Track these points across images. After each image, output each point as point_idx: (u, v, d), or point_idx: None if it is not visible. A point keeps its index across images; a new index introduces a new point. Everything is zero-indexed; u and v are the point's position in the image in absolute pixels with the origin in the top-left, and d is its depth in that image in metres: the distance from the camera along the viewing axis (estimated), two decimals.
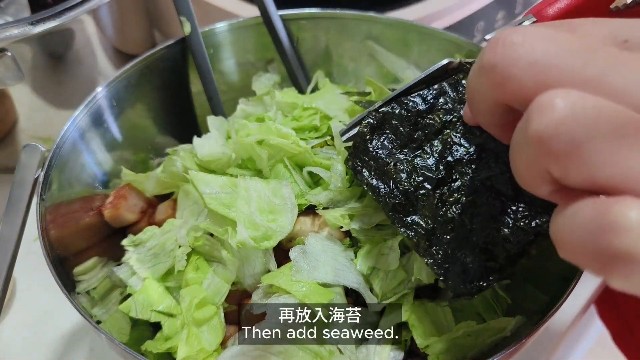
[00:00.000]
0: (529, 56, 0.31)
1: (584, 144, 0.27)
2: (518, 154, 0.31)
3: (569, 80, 0.29)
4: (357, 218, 0.57)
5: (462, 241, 0.45)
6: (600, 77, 0.29)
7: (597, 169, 0.27)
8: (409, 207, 0.48)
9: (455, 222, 0.45)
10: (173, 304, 0.58)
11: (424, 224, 0.47)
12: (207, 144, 0.66)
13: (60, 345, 0.70)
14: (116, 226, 0.66)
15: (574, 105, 0.27)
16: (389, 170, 0.49)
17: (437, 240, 0.46)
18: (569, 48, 0.30)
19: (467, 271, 0.45)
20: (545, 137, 0.28)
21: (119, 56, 0.85)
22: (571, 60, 0.30)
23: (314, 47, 0.79)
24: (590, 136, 0.27)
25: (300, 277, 0.54)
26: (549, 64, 0.30)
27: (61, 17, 0.73)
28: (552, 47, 0.30)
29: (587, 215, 0.27)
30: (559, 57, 0.30)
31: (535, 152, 0.29)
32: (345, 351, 0.53)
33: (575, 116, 0.27)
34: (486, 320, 0.55)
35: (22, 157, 0.58)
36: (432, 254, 0.46)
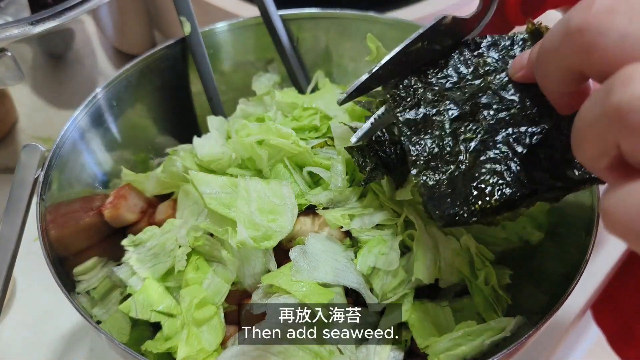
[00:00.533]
0: (624, 27, 0.29)
1: None
2: (588, 123, 0.30)
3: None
4: (357, 218, 0.57)
5: (458, 175, 0.46)
6: None
7: None
8: (422, 127, 0.49)
9: (460, 156, 0.46)
10: (173, 304, 0.58)
11: (429, 147, 0.48)
12: (207, 144, 0.66)
13: (60, 345, 0.70)
14: (116, 226, 0.66)
15: None
16: (417, 89, 0.51)
17: (435, 166, 0.47)
18: None
19: (452, 200, 0.45)
20: (626, 109, 0.27)
21: (119, 56, 0.85)
22: None
23: (314, 47, 0.79)
24: None
25: (300, 277, 0.54)
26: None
27: (61, 17, 0.73)
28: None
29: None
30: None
31: (610, 123, 0.28)
32: (345, 351, 0.53)
33: None
34: (486, 320, 0.55)
35: (22, 157, 0.58)
36: (426, 176, 0.47)
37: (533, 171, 0.44)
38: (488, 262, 0.57)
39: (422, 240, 0.55)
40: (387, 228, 0.58)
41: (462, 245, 0.56)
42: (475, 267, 0.56)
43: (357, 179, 0.60)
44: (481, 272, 0.56)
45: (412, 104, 0.50)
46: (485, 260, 0.56)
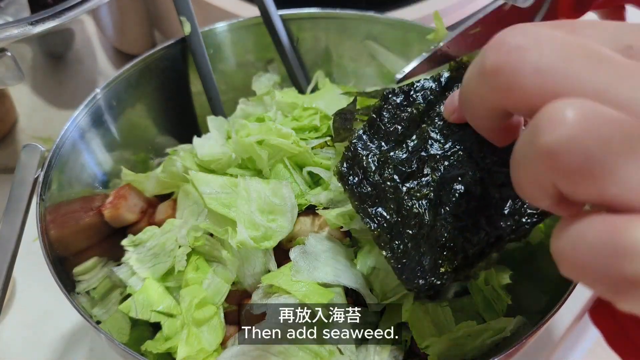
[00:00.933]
0: (536, 62, 0.29)
1: (597, 159, 0.25)
2: (521, 165, 0.29)
3: (578, 90, 0.27)
4: (357, 218, 0.57)
5: (422, 238, 0.45)
6: (609, 87, 0.27)
7: (610, 185, 0.25)
8: (376, 198, 0.48)
9: (419, 218, 0.45)
10: (173, 304, 0.58)
11: (387, 217, 0.47)
12: (207, 144, 0.66)
13: (60, 345, 0.70)
14: (116, 226, 0.66)
15: (587, 117, 0.25)
16: (361, 160, 0.50)
17: (398, 234, 0.46)
18: (576, 54, 0.28)
19: (422, 268, 0.44)
20: (556, 151, 0.26)
21: (119, 56, 0.85)
22: (579, 67, 0.28)
23: (313, 47, 0.79)
24: (604, 151, 0.25)
25: (300, 277, 0.54)
26: (558, 72, 0.28)
27: (61, 17, 0.73)
28: (560, 52, 0.28)
29: (597, 236, 0.25)
30: (567, 64, 0.28)
31: (543, 166, 0.27)
32: (345, 351, 0.53)
33: (589, 130, 0.25)
34: (486, 320, 0.55)
35: (22, 157, 0.58)
36: (392, 248, 0.46)
37: (494, 215, 0.42)
38: None
39: None
40: None
41: None
42: None
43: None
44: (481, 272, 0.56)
45: (360, 178, 0.50)
46: None
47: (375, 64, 0.79)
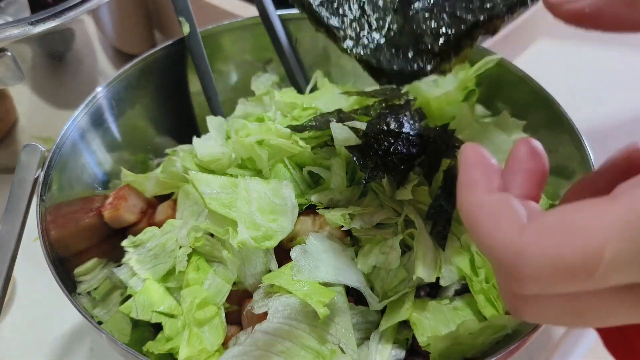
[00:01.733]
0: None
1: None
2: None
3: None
4: (358, 217, 0.57)
5: (395, 35, 0.43)
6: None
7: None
8: (338, 4, 0.45)
9: (385, 18, 0.44)
10: (174, 305, 0.58)
11: (351, 12, 0.44)
12: (206, 144, 0.66)
13: (60, 346, 0.70)
14: (116, 227, 0.65)
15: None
16: None
17: (367, 33, 0.44)
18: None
19: (403, 53, 0.42)
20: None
21: (119, 56, 0.85)
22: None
23: (312, 47, 0.79)
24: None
25: (302, 277, 0.54)
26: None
27: (61, 17, 0.73)
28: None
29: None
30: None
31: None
32: (347, 350, 0.53)
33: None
34: (487, 318, 0.55)
35: (22, 157, 0.58)
36: (364, 46, 0.43)
37: (467, 3, 0.41)
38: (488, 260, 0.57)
39: (422, 239, 0.55)
40: (388, 227, 0.58)
41: (463, 243, 0.57)
42: (476, 265, 0.56)
43: (357, 178, 0.60)
44: (482, 270, 0.56)
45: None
46: (485, 259, 0.57)
47: None
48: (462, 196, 0.33)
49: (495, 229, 0.30)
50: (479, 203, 0.32)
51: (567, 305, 0.30)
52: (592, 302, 0.29)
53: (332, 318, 0.53)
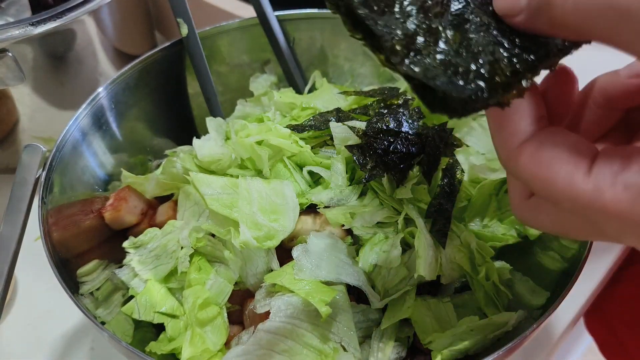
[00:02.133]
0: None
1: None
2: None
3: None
4: (359, 216, 0.57)
5: (450, 55, 0.37)
6: None
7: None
8: (385, 5, 0.39)
9: (438, 35, 0.38)
10: (176, 305, 0.58)
11: (403, 25, 0.38)
12: (206, 145, 0.66)
13: (61, 345, 0.70)
14: (117, 228, 0.65)
15: None
16: None
17: (418, 48, 0.37)
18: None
19: (464, 78, 0.36)
20: None
21: (119, 57, 0.85)
22: None
23: (310, 48, 0.80)
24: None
25: (303, 276, 0.54)
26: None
27: (62, 18, 0.73)
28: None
29: None
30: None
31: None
32: (349, 348, 0.53)
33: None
34: (488, 315, 0.55)
35: (23, 157, 0.58)
36: (415, 62, 0.37)
37: (529, 37, 0.38)
38: (488, 258, 0.57)
39: (423, 238, 0.55)
40: (388, 226, 0.58)
41: (463, 241, 0.57)
42: (476, 263, 0.56)
43: (357, 177, 0.60)
44: (482, 267, 0.56)
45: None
46: (486, 256, 0.57)
47: (371, 64, 0.79)
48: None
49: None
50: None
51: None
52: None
53: (334, 317, 0.54)
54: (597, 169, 0.33)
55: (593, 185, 0.33)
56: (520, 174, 0.36)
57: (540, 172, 0.35)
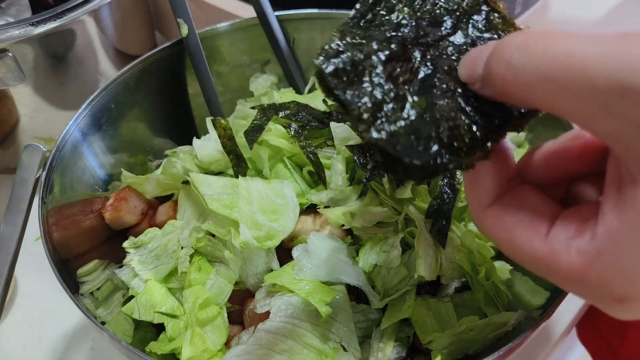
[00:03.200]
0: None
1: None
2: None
3: None
4: (359, 216, 0.57)
5: (414, 122, 0.38)
6: None
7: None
8: (354, 76, 0.39)
9: (404, 102, 0.38)
10: (176, 305, 0.58)
11: (370, 94, 0.38)
12: (206, 145, 0.66)
13: (61, 345, 0.70)
14: (117, 228, 0.65)
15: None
16: (345, 31, 0.41)
17: (383, 116, 0.38)
18: None
19: (425, 144, 0.37)
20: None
21: (120, 57, 0.85)
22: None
23: (310, 48, 0.80)
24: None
25: (303, 276, 0.54)
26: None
27: (62, 18, 0.73)
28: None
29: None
30: None
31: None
32: (349, 348, 0.53)
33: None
34: (487, 315, 0.55)
35: (24, 157, 0.58)
36: (379, 131, 0.37)
37: (492, 102, 0.38)
38: (488, 258, 0.57)
39: (423, 238, 0.55)
40: (388, 226, 0.58)
41: (463, 241, 0.57)
42: (476, 263, 0.56)
43: (357, 177, 0.60)
44: (482, 267, 0.56)
45: (334, 53, 0.40)
46: (486, 256, 0.57)
47: None
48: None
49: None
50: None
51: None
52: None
53: (334, 316, 0.54)
54: (554, 233, 0.35)
55: (549, 249, 0.34)
56: (486, 235, 0.39)
57: (504, 235, 0.37)
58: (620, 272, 0.31)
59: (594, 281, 0.33)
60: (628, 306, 0.33)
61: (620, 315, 0.34)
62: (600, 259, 0.32)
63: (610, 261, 0.32)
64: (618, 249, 0.31)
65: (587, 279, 0.33)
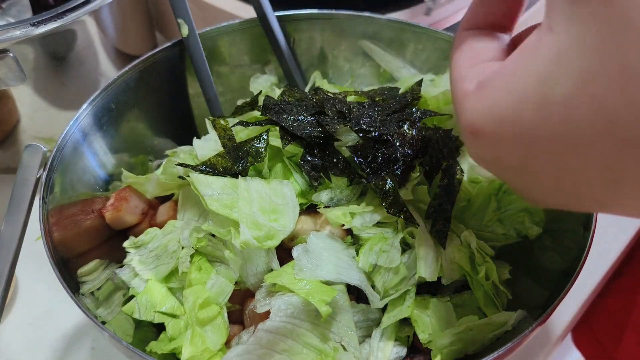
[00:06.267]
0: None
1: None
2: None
3: None
4: (358, 216, 0.57)
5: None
6: None
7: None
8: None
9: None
10: (176, 305, 0.58)
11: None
12: (206, 145, 0.66)
13: (61, 345, 0.70)
14: (117, 228, 0.66)
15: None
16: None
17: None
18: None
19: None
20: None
21: (120, 57, 0.86)
22: None
23: (310, 48, 0.80)
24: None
25: (303, 276, 0.54)
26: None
27: (63, 18, 0.73)
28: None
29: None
30: None
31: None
32: (349, 348, 0.53)
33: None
34: (487, 315, 0.56)
35: (24, 157, 0.58)
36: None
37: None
38: (488, 258, 0.57)
39: (423, 239, 0.55)
40: (388, 226, 0.58)
41: (463, 241, 0.57)
42: (476, 263, 0.57)
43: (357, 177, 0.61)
44: (482, 267, 0.56)
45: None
46: (486, 256, 0.57)
47: (371, 64, 0.79)
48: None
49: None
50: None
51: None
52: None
53: (334, 316, 0.54)
54: (478, 65, 0.37)
55: (463, 74, 0.37)
56: (451, 55, 0.41)
57: (455, 55, 0.40)
58: (487, 105, 0.33)
59: (466, 108, 0.34)
60: (478, 140, 0.34)
61: (471, 151, 0.36)
62: (481, 89, 0.33)
63: (486, 93, 0.33)
64: (494, 84, 0.32)
65: (463, 106, 0.34)
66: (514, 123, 0.31)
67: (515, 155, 0.33)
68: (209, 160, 0.60)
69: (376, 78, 0.80)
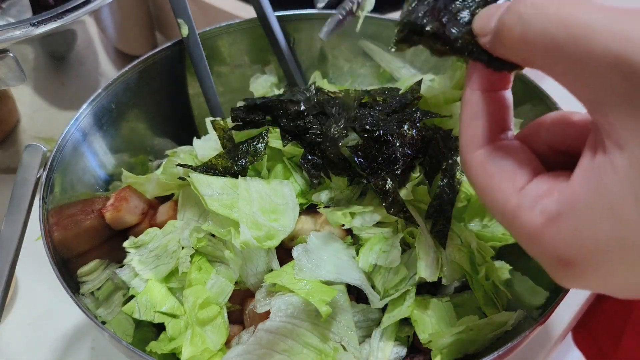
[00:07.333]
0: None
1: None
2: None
3: None
4: (358, 216, 0.57)
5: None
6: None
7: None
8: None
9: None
10: (176, 305, 0.58)
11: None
12: (206, 145, 0.66)
13: (61, 345, 0.70)
14: (117, 228, 0.66)
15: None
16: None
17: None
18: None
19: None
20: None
21: (120, 57, 0.86)
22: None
23: (310, 48, 0.80)
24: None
25: (303, 276, 0.54)
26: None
27: (63, 18, 0.73)
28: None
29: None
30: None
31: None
32: (349, 348, 0.53)
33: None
34: (487, 314, 0.56)
35: (24, 157, 0.58)
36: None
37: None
38: (488, 258, 0.57)
39: (423, 239, 0.55)
40: (388, 226, 0.58)
41: (463, 241, 0.57)
42: (476, 263, 0.57)
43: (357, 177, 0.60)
44: (482, 267, 0.56)
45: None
46: (486, 256, 0.57)
47: (371, 64, 0.79)
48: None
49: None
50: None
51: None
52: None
53: (334, 316, 0.54)
54: (527, 189, 0.36)
55: (516, 203, 0.35)
56: (468, 177, 0.40)
57: (483, 181, 0.38)
58: (572, 235, 0.32)
59: (547, 241, 0.33)
60: (570, 271, 0.33)
61: (562, 280, 0.35)
62: (557, 220, 0.33)
63: (566, 224, 0.32)
64: (575, 213, 0.32)
65: (542, 239, 0.34)
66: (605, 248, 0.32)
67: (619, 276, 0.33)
68: (209, 162, 0.60)
69: (376, 78, 0.80)
